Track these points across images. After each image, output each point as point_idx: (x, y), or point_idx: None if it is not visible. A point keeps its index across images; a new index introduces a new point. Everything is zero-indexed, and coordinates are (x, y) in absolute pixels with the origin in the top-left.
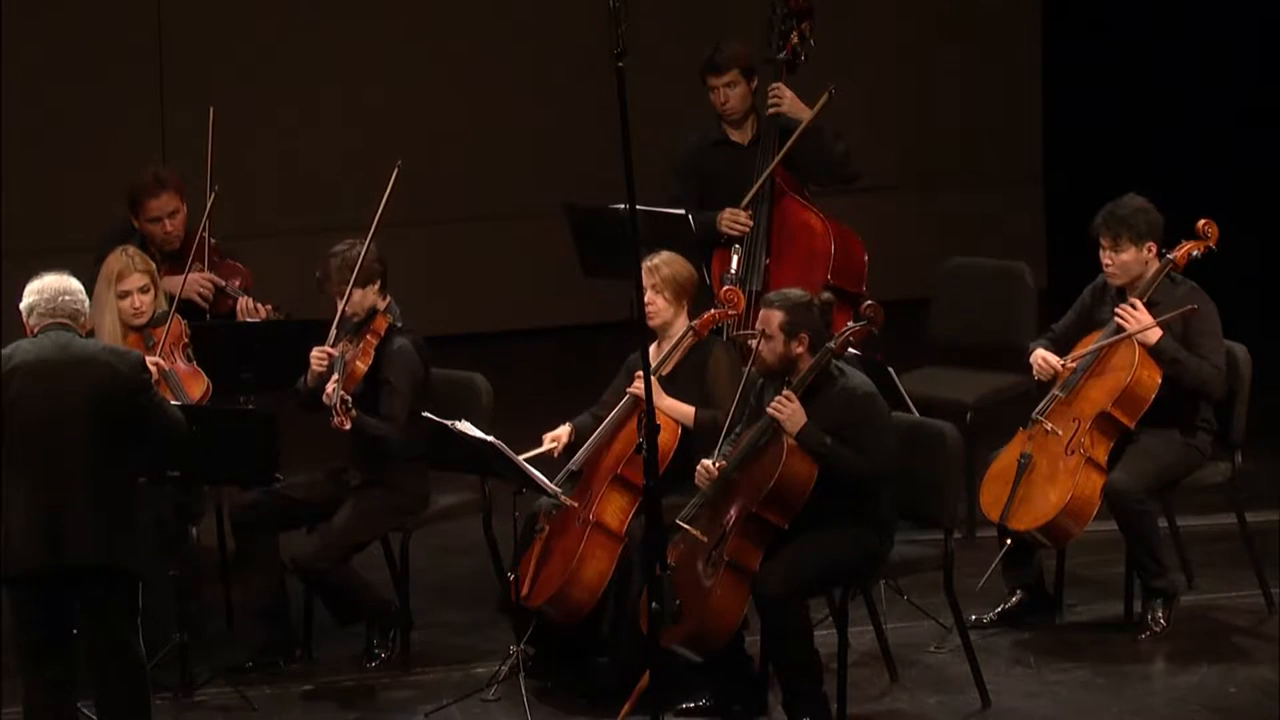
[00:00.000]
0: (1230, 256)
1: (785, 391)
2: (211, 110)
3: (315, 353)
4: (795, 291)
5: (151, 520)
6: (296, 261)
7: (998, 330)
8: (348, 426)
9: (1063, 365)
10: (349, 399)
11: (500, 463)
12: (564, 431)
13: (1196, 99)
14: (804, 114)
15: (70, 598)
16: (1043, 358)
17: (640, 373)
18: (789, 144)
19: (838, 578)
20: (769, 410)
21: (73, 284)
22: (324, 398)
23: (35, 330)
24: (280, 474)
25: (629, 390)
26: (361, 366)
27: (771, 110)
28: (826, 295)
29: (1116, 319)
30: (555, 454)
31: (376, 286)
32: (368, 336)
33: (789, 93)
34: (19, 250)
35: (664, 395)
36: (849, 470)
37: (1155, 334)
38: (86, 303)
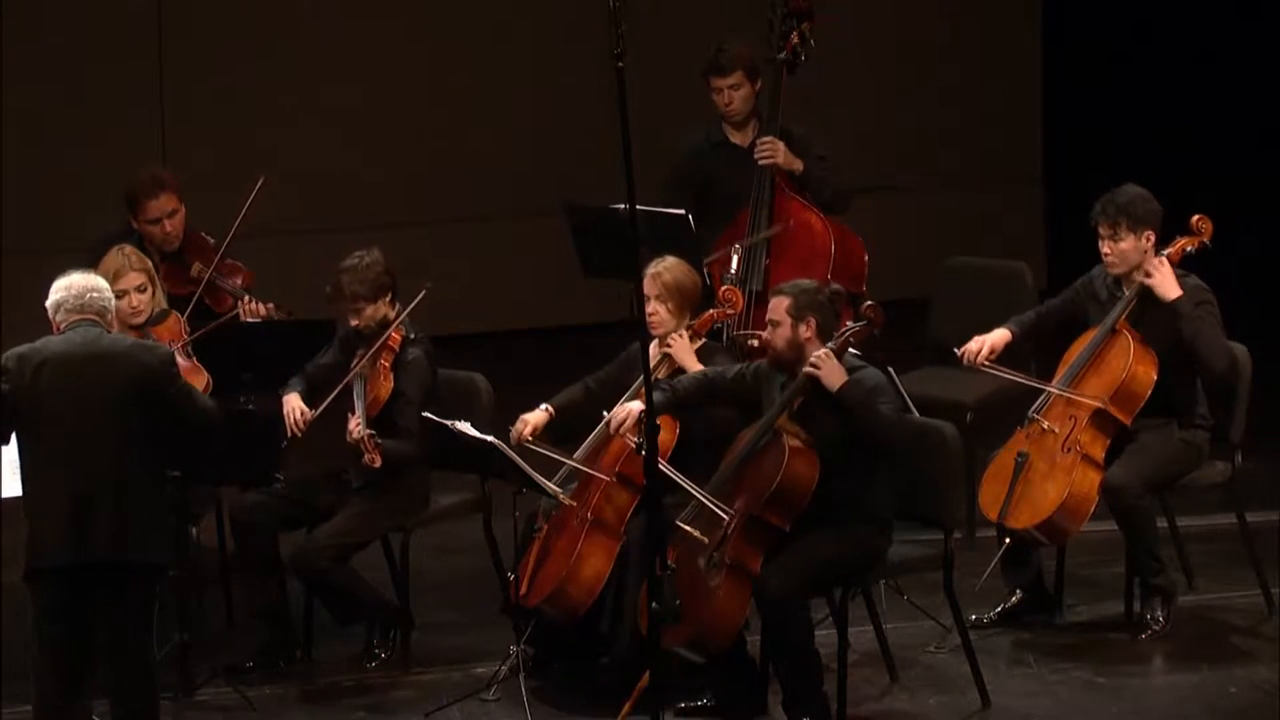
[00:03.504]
0: (1230, 256)
1: (821, 350)
2: (261, 179)
3: (297, 416)
4: (804, 280)
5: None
6: (296, 262)
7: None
8: (379, 463)
9: (981, 360)
10: (376, 436)
11: (500, 463)
12: (537, 418)
13: (1196, 99)
14: (796, 166)
15: (92, 595)
16: (977, 341)
17: (673, 338)
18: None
19: (838, 578)
20: (805, 370)
21: (99, 281)
22: (347, 437)
23: (62, 327)
24: (280, 474)
25: (663, 349)
26: (385, 392)
27: (765, 162)
28: (837, 286)
29: (1142, 275)
30: (522, 437)
31: (387, 298)
32: (384, 356)
33: (781, 145)
34: (19, 250)
35: (691, 355)
36: (884, 429)
37: (1176, 291)
38: (113, 300)
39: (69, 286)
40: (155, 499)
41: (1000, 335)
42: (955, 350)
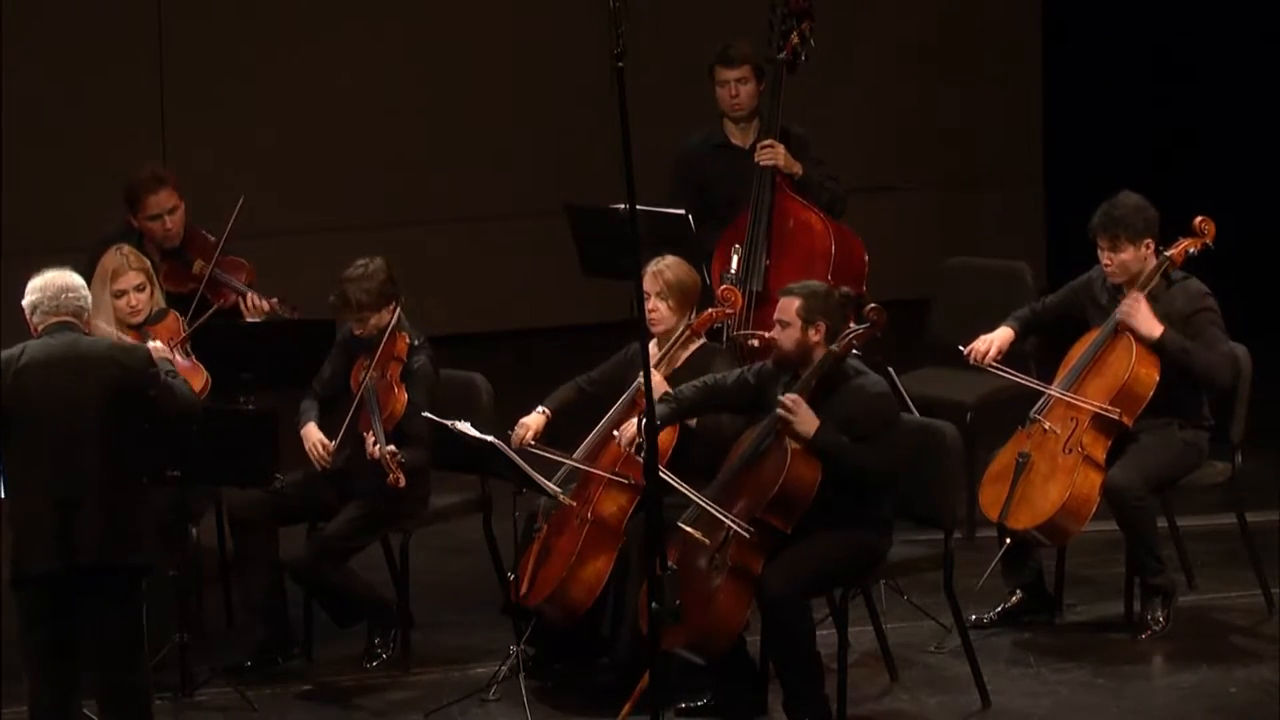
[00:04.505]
0: (1230, 255)
1: (790, 395)
2: (242, 199)
3: (320, 451)
4: (815, 282)
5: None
6: (297, 262)
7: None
8: (404, 483)
9: (986, 361)
10: (399, 454)
11: (500, 463)
12: (537, 422)
13: (1197, 98)
14: (795, 169)
15: (79, 599)
16: (984, 341)
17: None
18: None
19: (838, 578)
20: (779, 413)
21: (75, 280)
22: (367, 456)
23: (39, 329)
24: (280, 474)
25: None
26: (400, 406)
27: (766, 163)
28: (846, 289)
29: (1119, 315)
30: (523, 442)
31: (391, 306)
32: (392, 367)
33: (781, 148)
34: (19, 250)
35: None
36: (864, 468)
37: (1158, 329)
38: (89, 298)
39: (44, 288)
40: (140, 500)
41: (1005, 334)
42: (961, 349)
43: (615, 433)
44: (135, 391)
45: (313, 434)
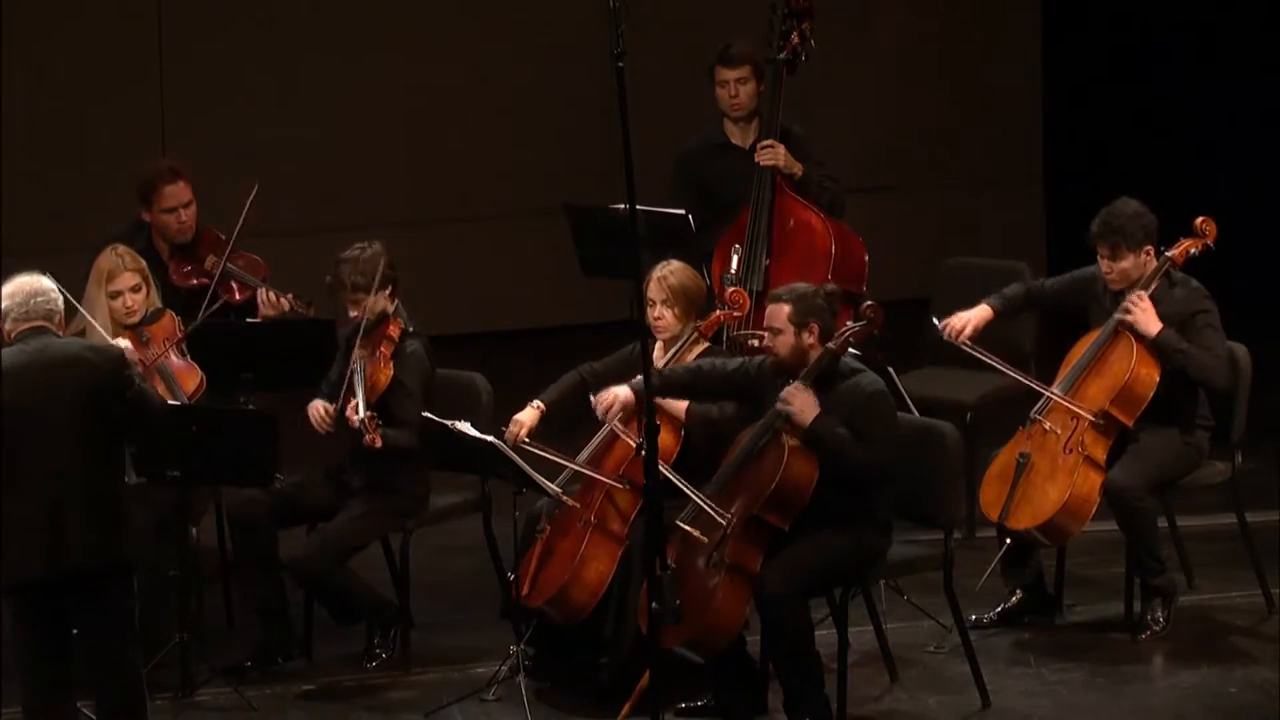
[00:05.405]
0: (1230, 255)
1: (795, 383)
2: (256, 187)
3: (321, 414)
4: (800, 284)
5: (151, 520)
6: (296, 262)
7: (998, 330)
8: (380, 444)
9: (960, 339)
10: (377, 416)
11: (500, 463)
12: (531, 418)
13: (1196, 99)
14: (796, 170)
15: (69, 599)
16: (959, 319)
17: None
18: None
19: (838, 577)
20: (778, 406)
21: (44, 283)
22: (348, 423)
23: (12, 335)
24: (280, 474)
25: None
26: (384, 378)
27: (766, 163)
28: (832, 286)
29: (1121, 313)
30: (517, 439)
31: (388, 291)
32: (383, 346)
33: (782, 148)
34: (19, 250)
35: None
36: (855, 463)
37: (1156, 327)
38: (60, 300)
39: (13, 294)
40: (123, 499)
41: (983, 313)
42: (935, 321)
43: (592, 398)
44: (110, 391)
45: (316, 404)
